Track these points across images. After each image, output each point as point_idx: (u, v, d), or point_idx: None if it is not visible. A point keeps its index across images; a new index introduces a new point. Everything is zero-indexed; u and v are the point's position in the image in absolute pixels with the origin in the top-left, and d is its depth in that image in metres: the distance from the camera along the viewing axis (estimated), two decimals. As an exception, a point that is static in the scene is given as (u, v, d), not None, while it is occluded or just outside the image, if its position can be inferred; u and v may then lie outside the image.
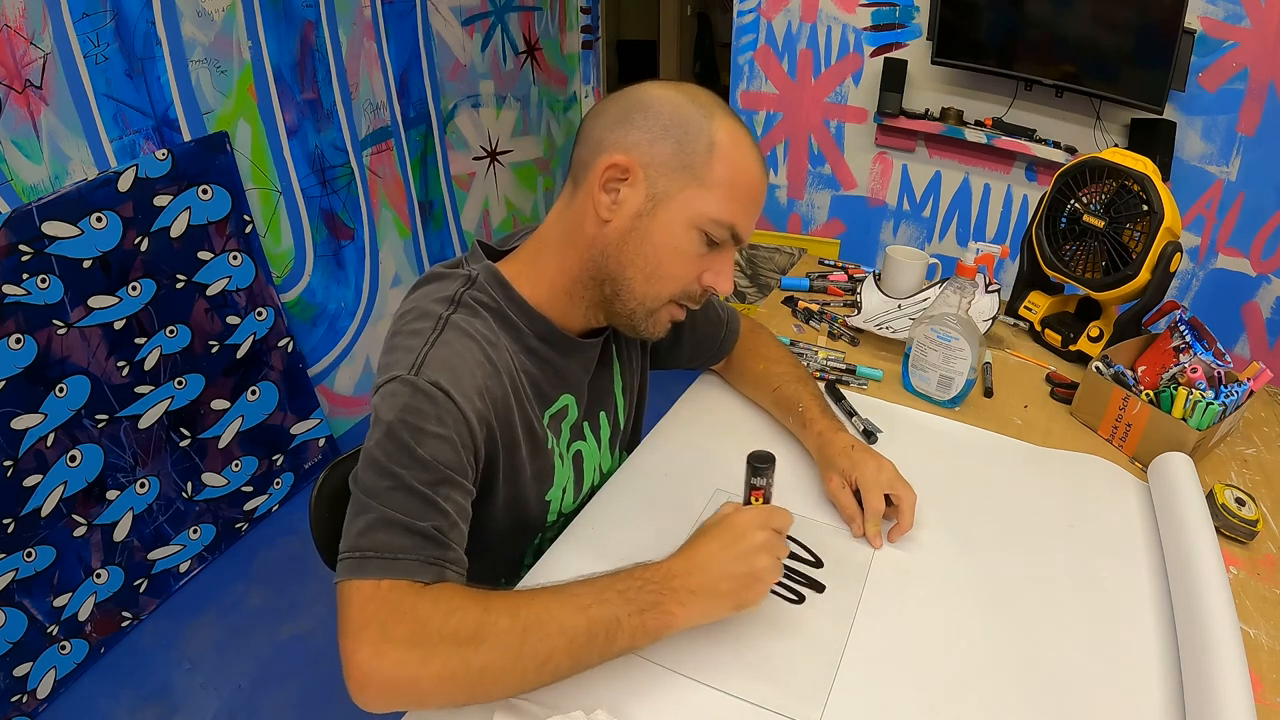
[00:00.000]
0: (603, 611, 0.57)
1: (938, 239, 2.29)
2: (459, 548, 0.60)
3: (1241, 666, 0.59)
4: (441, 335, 0.64)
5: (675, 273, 0.69)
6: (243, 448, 1.82)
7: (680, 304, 0.72)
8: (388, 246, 2.23)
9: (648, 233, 0.67)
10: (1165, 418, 0.91)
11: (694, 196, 0.66)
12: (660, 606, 0.58)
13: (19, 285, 1.33)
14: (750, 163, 0.68)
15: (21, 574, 1.40)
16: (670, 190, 0.66)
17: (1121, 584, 0.75)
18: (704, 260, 0.69)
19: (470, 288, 0.70)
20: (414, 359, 0.61)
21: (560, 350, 0.75)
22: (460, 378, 0.62)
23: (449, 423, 0.60)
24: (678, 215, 0.66)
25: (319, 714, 1.51)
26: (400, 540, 0.56)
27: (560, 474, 0.78)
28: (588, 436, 0.82)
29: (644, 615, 0.58)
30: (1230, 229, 1.86)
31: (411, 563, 0.56)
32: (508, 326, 0.71)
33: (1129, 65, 1.78)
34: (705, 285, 0.70)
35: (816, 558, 0.76)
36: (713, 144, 0.66)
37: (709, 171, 0.66)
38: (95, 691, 1.53)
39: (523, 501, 0.75)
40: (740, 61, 2.31)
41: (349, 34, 1.97)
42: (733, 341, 1.01)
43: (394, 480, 0.57)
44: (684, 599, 0.59)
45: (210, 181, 1.63)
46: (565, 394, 0.77)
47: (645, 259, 0.68)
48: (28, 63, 1.33)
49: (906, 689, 0.64)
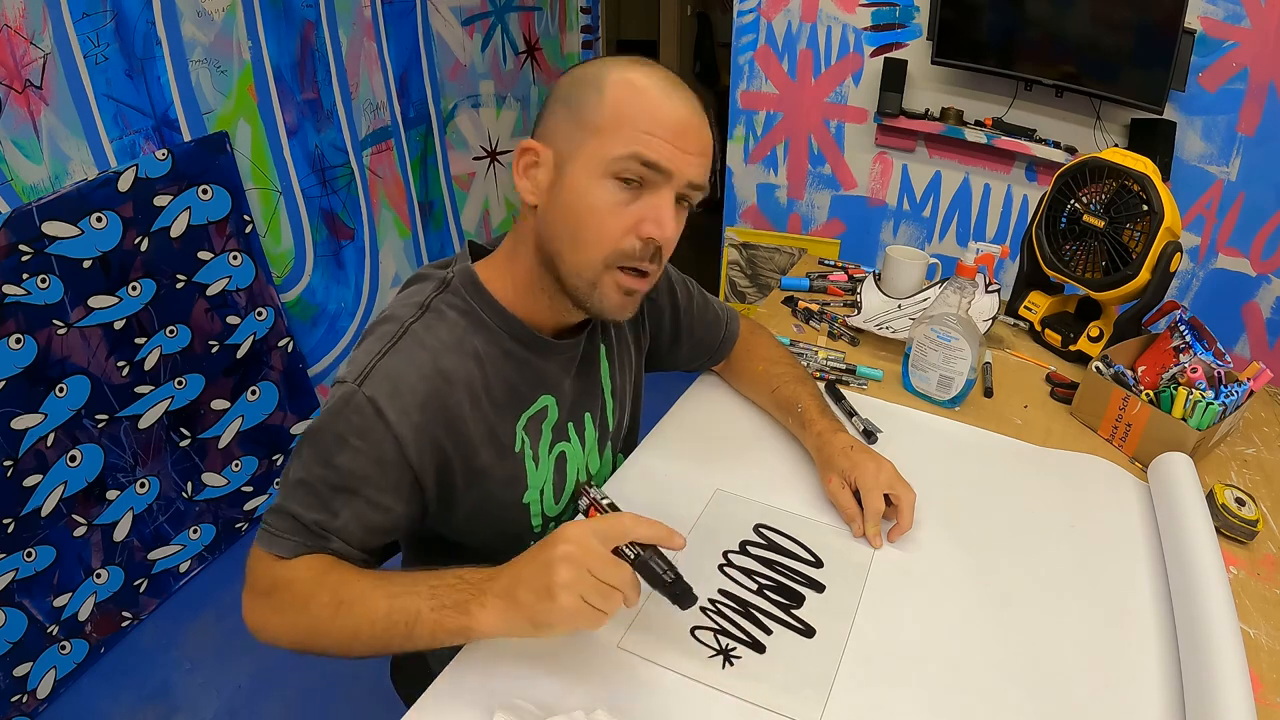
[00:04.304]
0: (407, 603, 0.59)
1: (938, 239, 2.29)
2: (345, 541, 0.66)
3: (1241, 666, 0.59)
4: (397, 344, 0.67)
5: (598, 232, 0.65)
6: (243, 448, 1.82)
7: (626, 269, 0.67)
8: (388, 246, 2.23)
9: (561, 200, 0.66)
10: (1165, 418, 0.91)
11: (593, 148, 0.64)
12: (462, 606, 0.58)
13: (19, 285, 1.33)
14: (655, 93, 0.64)
15: (21, 574, 1.40)
16: (570, 151, 0.65)
17: (1121, 584, 0.75)
18: (632, 210, 0.65)
19: (444, 291, 0.72)
20: (363, 368, 0.65)
21: (536, 351, 0.75)
22: (400, 392, 0.65)
23: (372, 439, 0.64)
24: (581, 172, 0.65)
25: (319, 714, 1.51)
26: (287, 524, 0.66)
27: (535, 476, 0.77)
28: (572, 438, 0.81)
29: (444, 612, 0.58)
30: (1230, 229, 1.85)
31: (286, 542, 0.65)
32: (482, 329, 0.72)
33: (1129, 65, 1.78)
34: (644, 236, 0.65)
35: (816, 557, 0.76)
36: (602, 91, 0.64)
37: (601, 117, 0.64)
38: (95, 691, 1.53)
39: (495, 506, 0.75)
40: (740, 61, 2.30)
41: (349, 34, 1.97)
42: (732, 342, 1.01)
43: (304, 474, 0.66)
44: (486, 602, 0.57)
45: (210, 181, 1.63)
46: (544, 395, 0.77)
47: (566, 226, 0.66)
48: (28, 63, 1.33)
49: (906, 689, 0.64)
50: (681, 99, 0.65)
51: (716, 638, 0.67)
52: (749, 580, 0.74)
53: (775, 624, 0.69)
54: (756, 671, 0.64)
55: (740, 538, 0.79)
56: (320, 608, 0.62)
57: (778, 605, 0.71)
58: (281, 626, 0.64)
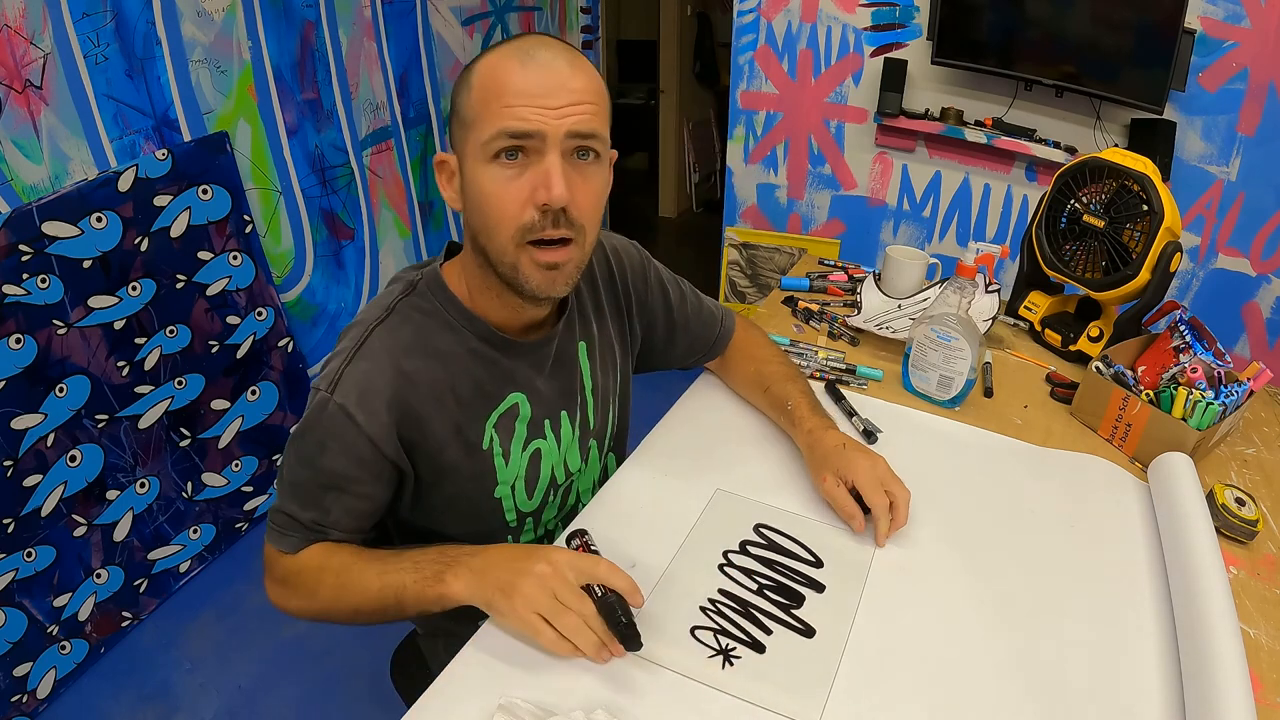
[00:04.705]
0: (394, 578, 0.67)
1: (938, 239, 2.29)
2: (341, 531, 0.73)
3: (1241, 667, 0.59)
4: (361, 349, 0.70)
5: (499, 215, 0.66)
6: (243, 448, 1.82)
7: (535, 243, 0.67)
8: (388, 247, 2.23)
9: (468, 197, 0.69)
10: (1165, 418, 0.91)
11: (473, 139, 0.66)
12: (439, 576, 0.65)
13: (19, 285, 1.33)
14: (511, 63, 0.64)
15: (21, 574, 1.40)
16: (463, 150, 0.68)
17: (1121, 584, 0.75)
18: (521, 183, 0.65)
19: (410, 294, 0.74)
20: (333, 375, 0.69)
21: (502, 350, 0.76)
22: (368, 396, 0.69)
23: (347, 441, 0.69)
24: (471, 166, 0.67)
25: (319, 714, 1.51)
26: (287, 523, 0.72)
27: (506, 472, 0.78)
28: (548, 435, 0.82)
29: (424, 584, 0.66)
30: (1230, 229, 1.86)
31: (290, 539, 0.72)
32: (448, 330, 0.74)
33: (1129, 65, 1.78)
34: (538, 204, 0.65)
35: (816, 557, 0.76)
36: (471, 84, 0.66)
37: (472, 109, 0.66)
38: (95, 691, 1.53)
39: (466, 501, 0.78)
40: (740, 61, 2.31)
41: (349, 34, 1.97)
42: (728, 338, 1.01)
43: (294, 478, 0.72)
44: (460, 573, 0.65)
45: (210, 181, 1.63)
46: (514, 393, 0.78)
47: (478, 218, 0.68)
48: (28, 63, 1.33)
49: (906, 689, 0.64)
50: (542, 60, 0.64)
51: (716, 637, 0.67)
52: (749, 580, 0.74)
53: (775, 624, 0.69)
54: (756, 671, 0.64)
55: (741, 537, 0.79)
56: (327, 590, 0.70)
57: (778, 605, 0.71)
58: (300, 608, 0.74)
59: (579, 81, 0.65)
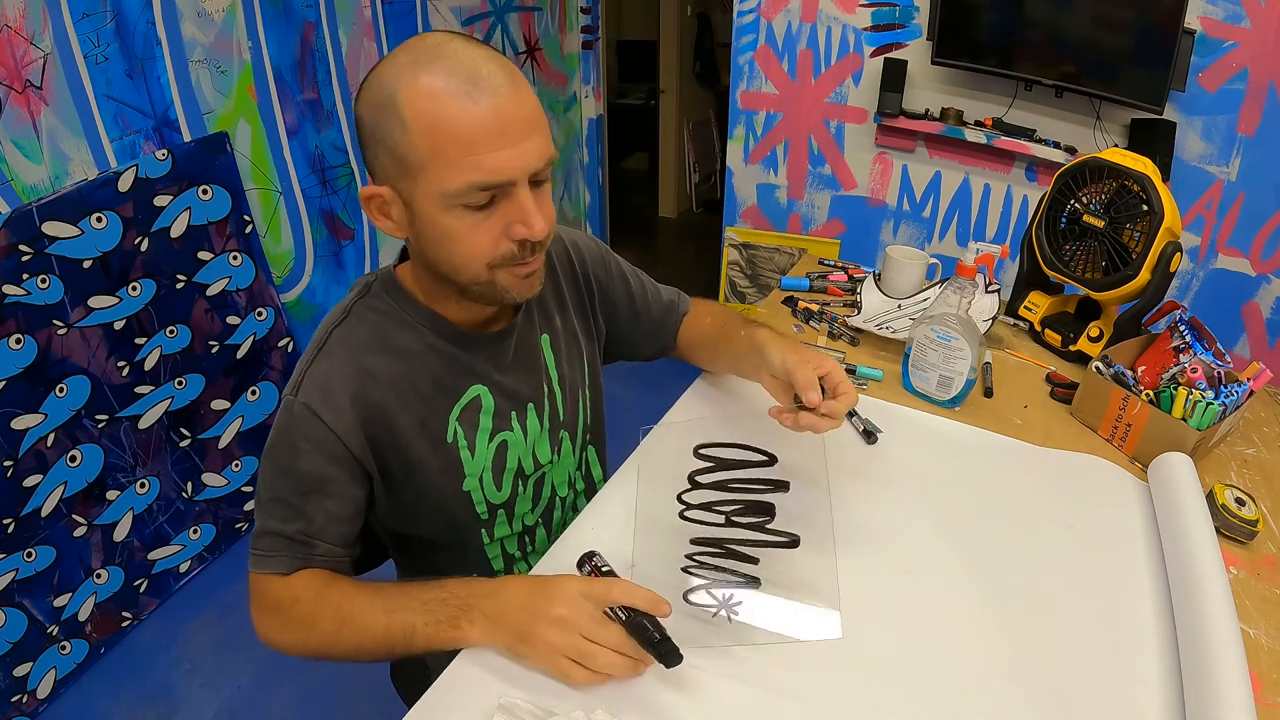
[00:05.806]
0: (402, 618, 0.65)
1: (938, 239, 2.29)
2: (328, 542, 0.72)
3: (1241, 667, 0.59)
4: (321, 350, 0.72)
5: (470, 252, 0.65)
6: (243, 448, 1.82)
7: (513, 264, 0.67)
8: (388, 247, 2.23)
9: (424, 233, 0.66)
10: (1165, 418, 0.91)
11: (425, 186, 0.62)
12: (453, 621, 0.64)
13: (19, 285, 1.33)
14: (456, 100, 0.59)
15: (21, 574, 1.40)
16: (409, 191, 0.64)
17: (1121, 584, 0.75)
18: (493, 221, 0.64)
19: (365, 296, 0.76)
20: (297, 379, 0.70)
21: (459, 345, 0.76)
22: (331, 394, 0.69)
23: (317, 440, 0.69)
24: (428, 209, 0.63)
25: (319, 714, 1.51)
26: (272, 543, 0.71)
27: (472, 465, 0.79)
28: (514, 427, 0.82)
29: (438, 627, 0.65)
30: (1230, 229, 1.85)
31: (278, 559, 0.70)
32: (405, 328, 0.75)
33: (1129, 65, 1.78)
34: (516, 238, 0.65)
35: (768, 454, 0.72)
36: (403, 119, 0.60)
37: (417, 153, 0.61)
38: (95, 691, 1.53)
39: (435, 495, 0.78)
40: (740, 61, 2.31)
41: (349, 34, 1.97)
42: (679, 320, 1.01)
43: (272, 492, 0.71)
44: (475, 619, 0.64)
45: (210, 181, 1.63)
46: (475, 385, 0.78)
47: (439, 253, 0.67)
48: (28, 63, 1.33)
49: (905, 689, 0.64)
50: (487, 89, 0.60)
51: (710, 593, 0.66)
52: (713, 516, 0.70)
53: (758, 549, 0.67)
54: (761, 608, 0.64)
55: (687, 469, 0.73)
56: (326, 623, 0.68)
57: (752, 528, 0.68)
58: (293, 642, 0.70)
59: (526, 104, 0.62)
